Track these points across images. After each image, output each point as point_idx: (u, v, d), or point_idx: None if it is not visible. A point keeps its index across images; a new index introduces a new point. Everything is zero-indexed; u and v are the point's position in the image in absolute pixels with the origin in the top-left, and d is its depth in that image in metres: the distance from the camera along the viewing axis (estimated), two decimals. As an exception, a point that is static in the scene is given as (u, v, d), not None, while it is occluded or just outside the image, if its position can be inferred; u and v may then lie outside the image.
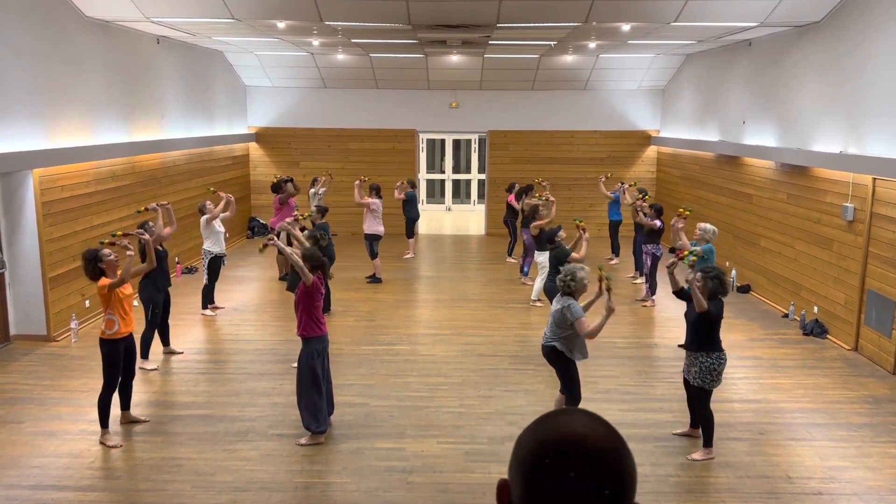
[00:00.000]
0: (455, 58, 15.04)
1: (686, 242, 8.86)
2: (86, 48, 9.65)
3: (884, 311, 8.07)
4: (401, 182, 13.84)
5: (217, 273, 9.96)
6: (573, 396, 6.20)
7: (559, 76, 15.79)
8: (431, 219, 19.08)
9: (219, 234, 9.79)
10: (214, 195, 10.58)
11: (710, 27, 10.39)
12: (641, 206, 11.07)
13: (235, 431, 6.39)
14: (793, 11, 9.21)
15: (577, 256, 8.13)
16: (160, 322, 8.12)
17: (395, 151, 16.64)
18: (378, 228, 11.88)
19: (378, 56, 14.78)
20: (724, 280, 5.93)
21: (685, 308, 6.12)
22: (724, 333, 6.17)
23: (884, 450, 6.14)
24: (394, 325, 9.62)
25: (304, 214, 9.88)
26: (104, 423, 6.14)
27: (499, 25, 10.22)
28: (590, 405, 6.60)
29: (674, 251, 6.27)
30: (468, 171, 20.82)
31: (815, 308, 9.54)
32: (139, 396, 6.96)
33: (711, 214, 12.83)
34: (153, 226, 7.72)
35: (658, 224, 10.45)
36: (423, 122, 16.70)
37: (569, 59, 15.07)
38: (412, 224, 13.92)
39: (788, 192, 10.37)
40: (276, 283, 11.82)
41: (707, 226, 8.81)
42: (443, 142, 20.34)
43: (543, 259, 9.80)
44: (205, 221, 9.72)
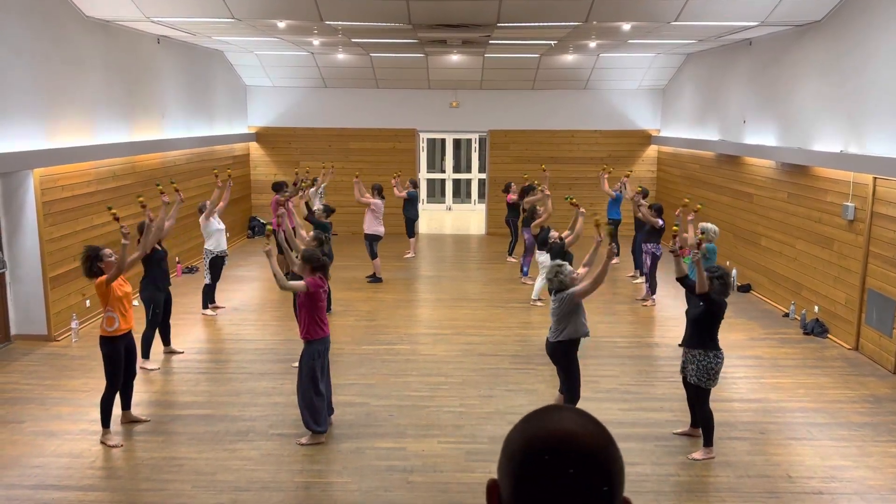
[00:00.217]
0: (455, 57, 15.04)
1: (691, 236, 8.26)
2: (86, 48, 9.65)
3: (884, 311, 8.06)
4: (397, 175, 13.80)
5: (219, 273, 9.96)
6: (573, 396, 6.21)
7: (559, 76, 15.79)
8: (432, 218, 19.08)
9: (219, 232, 9.78)
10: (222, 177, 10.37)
11: (711, 26, 10.38)
12: (641, 203, 11.02)
13: (236, 431, 6.39)
14: (793, 11, 9.21)
15: (569, 240, 8.22)
16: (161, 322, 8.13)
17: (396, 151, 16.64)
18: (378, 228, 11.87)
19: (378, 56, 14.78)
20: (728, 281, 5.94)
21: (685, 306, 6.12)
22: (725, 333, 6.17)
23: (884, 449, 6.14)
24: (394, 325, 9.62)
25: (307, 180, 9.67)
26: (106, 423, 6.15)
27: (499, 25, 10.22)
28: (590, 404, 6.60)
29: (674, 252, 6.23)
30: (468, 171, 20.82)
31: (816, 307, 9.53)
32: (140, 396, 6.97)
33: (712, 214, 12.82)
34: (150, 223, 7.59)
35: (660, 223, 10.45)
36: (424, 122, 16.70)
37: (569, 59, 15.06)
38: (411, 224, 13.90)
39: (789, 192, 10.37)
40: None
41: (709, 225, 8.79)
42: (443, 141, 20.34)
43: (544, 258, 9.80)
44: (202, 219, 9.71)
